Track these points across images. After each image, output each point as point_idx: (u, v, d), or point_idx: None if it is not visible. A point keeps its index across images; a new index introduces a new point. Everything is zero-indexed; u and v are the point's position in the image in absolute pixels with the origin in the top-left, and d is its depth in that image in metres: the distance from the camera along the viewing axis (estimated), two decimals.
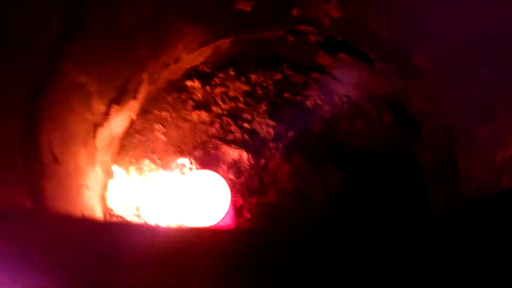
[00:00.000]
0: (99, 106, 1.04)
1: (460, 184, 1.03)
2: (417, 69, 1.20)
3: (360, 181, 1.40)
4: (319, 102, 1.53)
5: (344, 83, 1.52)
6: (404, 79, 1.28)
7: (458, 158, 1.07)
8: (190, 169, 1.27)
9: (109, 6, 0.96)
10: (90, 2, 0.89)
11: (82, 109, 0.96)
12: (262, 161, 1.36)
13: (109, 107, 1.09)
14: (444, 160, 1.17)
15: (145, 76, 1.23)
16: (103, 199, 1.12)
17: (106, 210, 1.12)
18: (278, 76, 1.54)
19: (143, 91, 1.25)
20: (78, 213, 0.88)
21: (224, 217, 1.09)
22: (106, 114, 1.08)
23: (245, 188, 1.30)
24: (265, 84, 1.52)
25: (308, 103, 1.53)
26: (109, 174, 1.16)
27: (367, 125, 1.51)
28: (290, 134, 1.44)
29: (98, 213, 1.07)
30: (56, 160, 0.81)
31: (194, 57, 1.39)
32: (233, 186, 1.28)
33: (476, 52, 0.97)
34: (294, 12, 1.33)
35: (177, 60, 1.32)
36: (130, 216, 1.17)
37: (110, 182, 1.16)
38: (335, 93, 1.55)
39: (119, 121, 1.16)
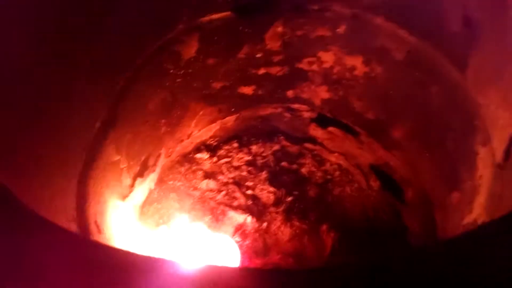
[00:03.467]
0: (126, 180, 1.21)
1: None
2: (396, 142, 1.41)
3: (354, 240, 1.55)
4: (313, 169, 1.72)
5: (334, 153, 1.71)
6: (386, 150, 1.48)
7: (437, 221, 1.24)
8: (201, 233, 1.42)
9: (140, 97, 1.16)
10: (126, 95, 1.09)
11: (115, 184, 1.13)
12: (265, 224, 1.52)
13: (134, 180, 1.25)
14: (425, 222, 1.34)
15: (162, 151, 1.41)
16: None
17: None
18: (276, 147, 1.73)
19: (160, 164, 1.43)
20: None
21: None
22: (131, 187, 1.25)
23: (250, 250, 1.44)
24: (264, 154, 1.71)
25: (303, 170, 1.71)
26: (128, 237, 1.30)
27: (357, 190, 1.69)
28: (289, 198, 1.61)
29: None
30: (99, 230, 0.96)
31: (204, 133, 1.58)
32: (239, 248, 1.42)
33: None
34: (290, 93, 1.56)
35: (189, 136, 1.52)
36: None
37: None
38: (328, 161, 1.74)
39: (141, 191, 1.32)
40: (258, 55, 1.38)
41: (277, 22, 1.29)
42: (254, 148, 1.71)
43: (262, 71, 1.44)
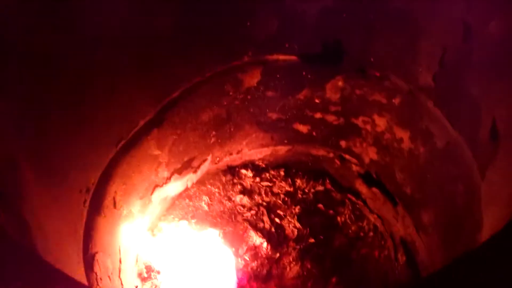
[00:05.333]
0: (163, 173, 1.39)
1: None
2: (424, 225, 1.37)
3: None
4: (349, 221, 1.73)
5: (374, 213, 1.70)
6: (415, 229, 1.44)
7: None
8: (216, 240, 1.55)
9: (193, 108, 1.33)
10: (176, 102, 1.26)
11: (149, 173, 1.31)
12: (277, 255, 1.59)
13: (171, 174, 1.43)
14: None
15: (208, 158, 1.57)
16: (140, 240, 1.45)
17: (140, 249, 1.44)
18: (320, 188, 1.78)
19: (204, 168, 1.59)
20: (117, 248, 1.20)
21: None
22: (167, 179, 1.43)
23: (253, 272, 1.53)
24: (306, 191, 1.77)
25: (338, 218, 1.73)
26: (153, 223, 1.49)
27: (385, 257, 1.66)
28: (311, 240, 1.65)
29: (133, 250, 1.39)
30: (114, 205, 1.15)
31: (254, 153, 1.70)
32: (244, 267, 1.52)
33: None
34: (343, 143, 1.60)
35: (239, 152, 1.65)
36: (156, 260, 1.47)
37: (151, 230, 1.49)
38: (366, 219, 1.73)
39: (176, 185, 1.50)
40: (317, 101, 1.45)
41: (338, 76, 1.35)
42: (298, 181, 1.78)
43: (318, 115, 1.51)
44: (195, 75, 1.24)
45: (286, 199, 1.74)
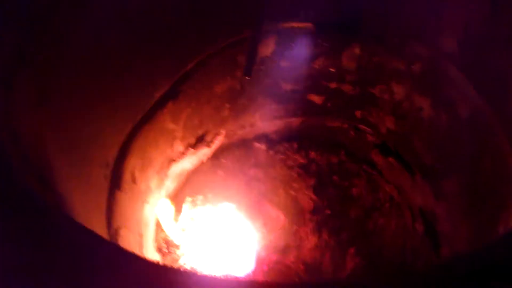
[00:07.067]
0: (178, 147, 1.37)
1: None
2: (445, 194, 1.35)
3: (378, 273, 1.54)
4: (364, 192, 1.72)
5: (390, 184, 1.69)
6: (435, 199, 1.42)
7: None
8: (234, 214, 1.55)
9: (207, 80, 1.30)
10: (190, 75, 1.23)
11: (165, 147, 1.30)
12: (294, 227, 1.58)
13: (186, 149, 1.42)
14: None
15: (222, 131, 1.55)
16: None
17: (158, 224, 1.44)
18: (334, 160, 1.76)
19: (218, 142, 1.57)
20: (136, 223, 1.20)
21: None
22: (182, 154, 1.41)
23: (271, 244, 1.53)
24: (320, 163, 1.75)
25: (354, 190, 1.72)
26: (170, 197, 1.49)
27: (402, 227, 1.65)
28: (328, 212, 1.64)
29: (152, 225, 1.39)
30: (134, 180, 1.14)
31: (267, 126, 1.68)
32: (262, 239, 1.52)
33: None
34: (358, 113, 1.57)
35: (252, 125, 1.63)
36: (175, 234, 1.47)
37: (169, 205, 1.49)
38: (382, 190, 1.72)
39: (191, 160, 1.49)
40: (332, 70, 1.42)
41: (355, 44, 1.31)
42: (312, 154, 1.76)
43: (334, 85, 1.47)
44: (209, 46, 1.21)
45: (301, 171, 1.72)
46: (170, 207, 1.42)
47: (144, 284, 0.41)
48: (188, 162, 1.48)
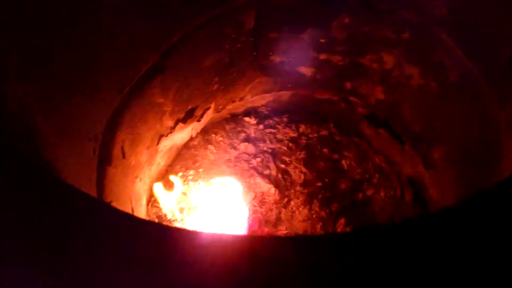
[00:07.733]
0: (168, 122, 1.36)
1: None
2: (434, 162, 1.37)
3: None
4: (353, 164, 1.73)
5: (379, 154, 1.70)
6: (424, 167, 1.44)
7: None
8: (225, 188, 1.55)
9: (195, 53, 1.28)
10: (177, 48, 1.20)
11: (154, 122, 1.28)
12: (285, 199, 1.59)
13: (176, 123, 1.40)
14: None
15: (212, 106, 1.53)
16: (150, 190, 1.44)
17: (150, 199, 1.43)
18: (324, 132, 1.76)
19: (207, 117, 1.56)
20: (128, 198, 1.19)
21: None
22: (172, 128, 1.40)
23: (263, 218, 1.54)
24: (310, 136, 1.75)
25: (343, 162, 1.73)
26: (161, 173, 1.48)
27: (391, 197, 1.67)
28: (318, 184, 1.65)
29: (143, 200, 1.38)
30: (123, 155, 1.13)
31: (257, 100, 1.67)
32: (253, 213, 1.53)
33: None
34: (348, 85, 1.56)
35: (241, 99, 1.62)
36: (168, 210, 1.47)
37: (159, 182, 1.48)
38: (371, 161, 1.73)
39: (181, 135, 1.47)
40: (321, 40, 1.40)
41: (344, 14, 1.29)
42: (302, 127, 1.76)
43: (323, 56, 1.46)
44: (194, 17, 1.18)
45: (291, 145, 1.72)
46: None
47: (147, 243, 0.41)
48: (178, 137, 1.46)
